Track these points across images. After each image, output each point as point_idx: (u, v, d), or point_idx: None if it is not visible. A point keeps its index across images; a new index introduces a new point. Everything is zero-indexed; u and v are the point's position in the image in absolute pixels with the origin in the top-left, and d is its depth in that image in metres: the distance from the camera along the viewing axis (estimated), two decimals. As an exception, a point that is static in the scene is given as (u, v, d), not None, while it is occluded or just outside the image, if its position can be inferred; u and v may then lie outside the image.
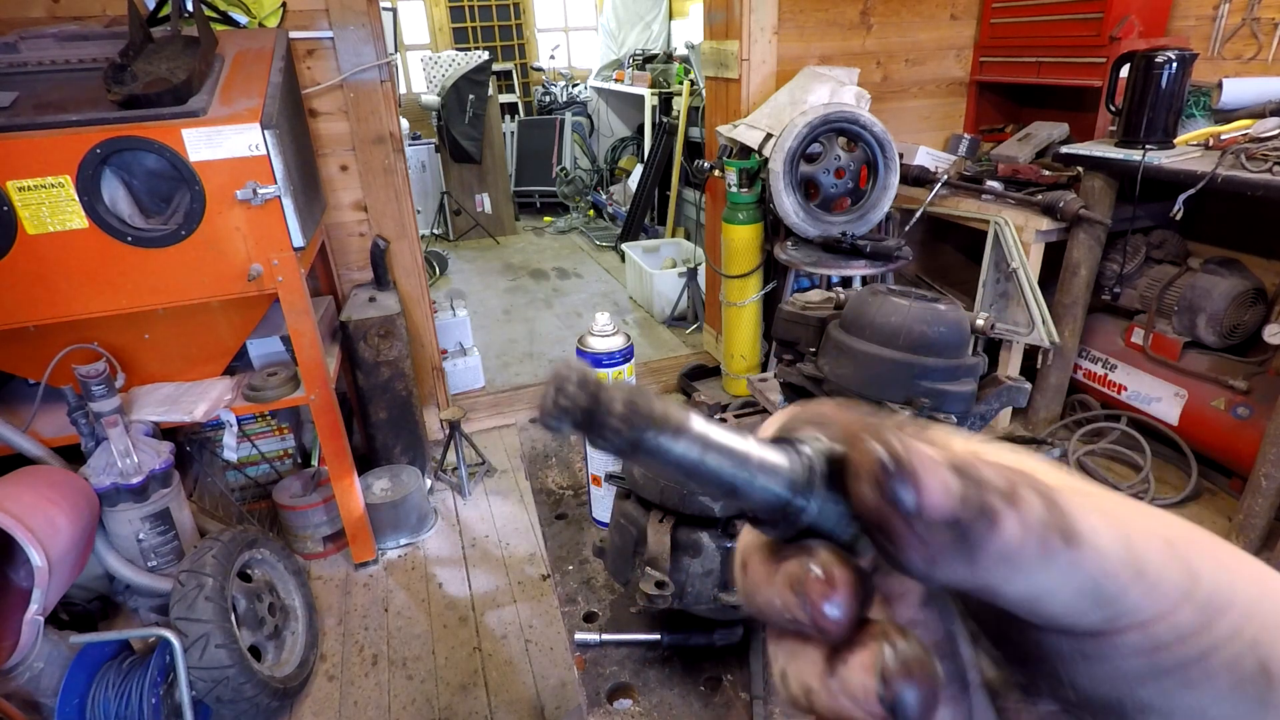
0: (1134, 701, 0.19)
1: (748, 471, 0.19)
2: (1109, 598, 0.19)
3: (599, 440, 0.18)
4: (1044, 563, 0.18)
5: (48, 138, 1.56)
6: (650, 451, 0.18)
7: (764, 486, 0.19)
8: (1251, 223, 2.48)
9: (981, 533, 0.18)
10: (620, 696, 0.72)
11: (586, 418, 0.18)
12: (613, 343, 0.87)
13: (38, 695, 1.53)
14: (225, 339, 1.98)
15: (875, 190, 2.49)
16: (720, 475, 0.19)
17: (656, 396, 0.19)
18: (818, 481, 0.19)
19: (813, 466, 0.19)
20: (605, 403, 0.18)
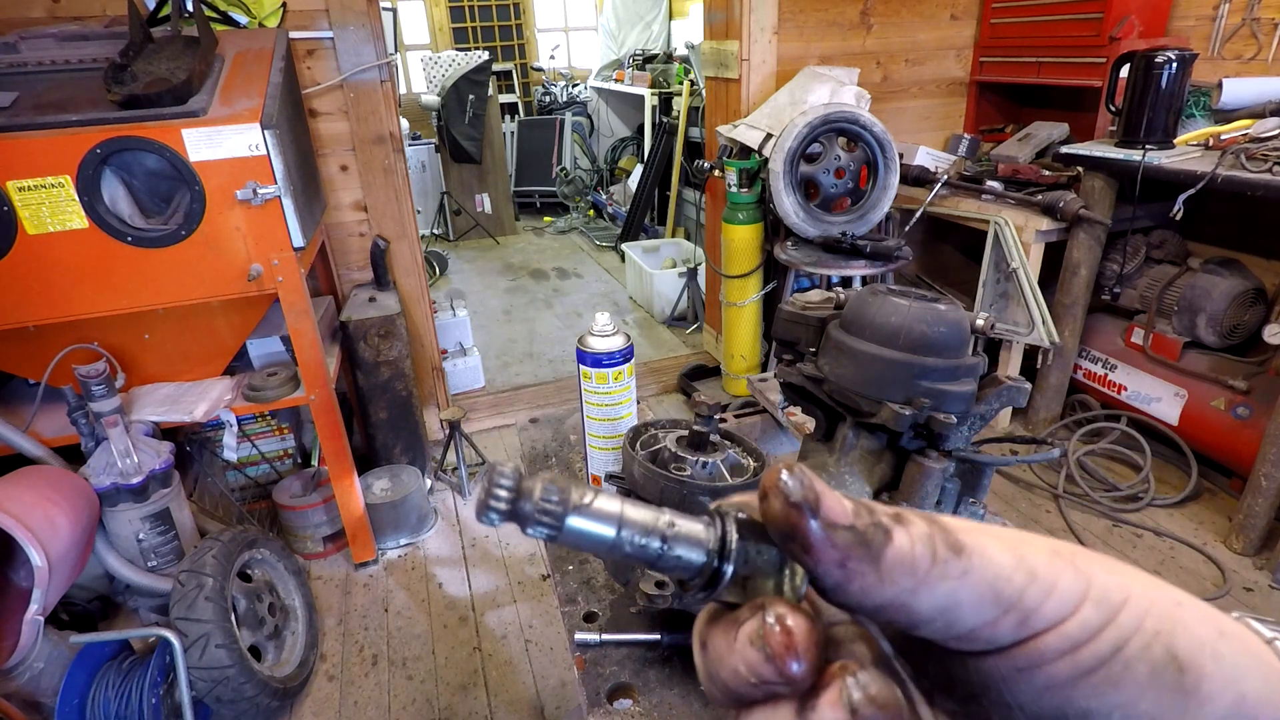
0: (1073, 709, 0.21)
1: (663, 542, 0.21)
2: (1010, 600, 0.21)
3: (527, 528, 0.21)
4: (939, 572, 0.20)
5: (48, 138, 1.56)
6: (572, 534, 0.21)
7: (680, 555, 0.21)
8: (1251, 223, 2.48)
9: (879, 540, 0.20)
10: (620, 696, 0.72)
11: (511, 512, 0.21)
12: (613, 343, 0.87)
13: (38, 695, 1.53)
14: (225, 339, 1.98)
15: (875, 190, 2.49)
16: (639, 548, 0.21)
17: (575, 484, 0.22)
18: (733, 541, 0.22)
19: (725, 531, 0.22)
20: (526, 497, 0.21)
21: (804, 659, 0.20)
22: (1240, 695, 0.21)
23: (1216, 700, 0.21)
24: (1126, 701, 0.20)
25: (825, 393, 0.83)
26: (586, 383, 0.88)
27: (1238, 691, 0.21)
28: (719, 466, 0.74)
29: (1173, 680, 0.21)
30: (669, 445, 0.76)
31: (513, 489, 0.21)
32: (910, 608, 0.21)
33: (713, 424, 0.75)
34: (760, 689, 0.21)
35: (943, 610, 0.21)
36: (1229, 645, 0.22)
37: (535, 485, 0.21)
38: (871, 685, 0.20)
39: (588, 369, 0.87)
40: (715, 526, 0.22)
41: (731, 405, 1.18)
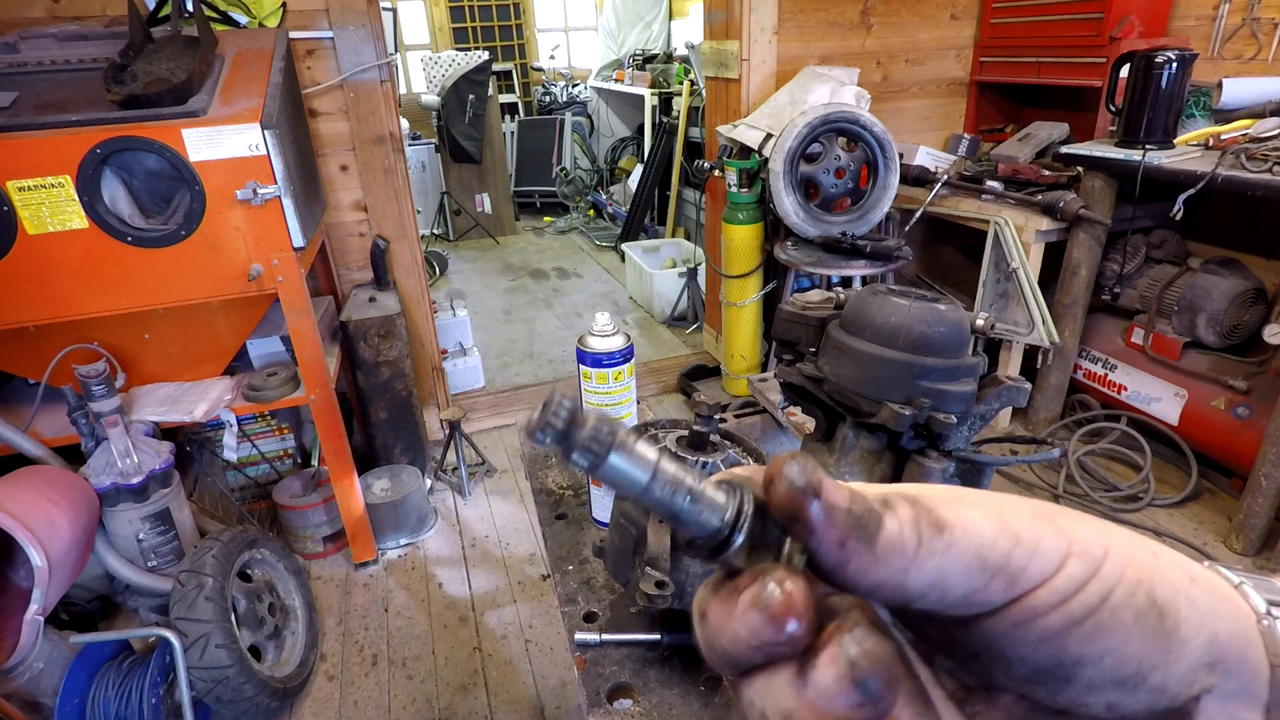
0: (1068, 657, 0.22)
1: (689, 499, 0.23)
2: (997, 565, 0.22)
3: (571, 454, 0.22)
4: (926, 549, 0.22)
5: (48, 138, 1.56)
6: (610, 470, 0.22)
7: (701, 514, 0.23)
8: (1251, 223, 2.48)
9: (873, 525, 0.22)
10: (620, 696, 0.72)
11: (563, 435, 0.22)
12: (613, 343, 0.87)
13: (38, 695, 1.53)
14: (225, 339, 1.98)
15: (875, 190, 2.49)
16: (666, 499, 0.23)
17: (625, 428, 0.23)
18: (747, 515, 0.23)
19: (743, 503, 0.23)
20: (580, 424, 0.22)
21: (802, 619, 0.21)
22: (1213, 635, 0.23)
23: (1193, 640, 0.23)
24: (1116, 645, 0.22)
25: (825, 393, 0.83)
26: (586, 383, 0.88)
27: (1211, 631, 0.23)
28: (719, 466, 0.74)
29: (1154, 624, 0.22)
30: (669, 445, 0.76)
31: (569, 415, 0.22)
32: (904, 586, 0.22)
33: (713, 424, 0.75)
34: (760, 652, 0.22)
35: (933, 585, 0.22)
36: (1200, 590, 0.24)
37: (590, 417, 0.22)
38: (867, 641, 0.21)
39: (588, 369, 0.87)
40: (735, 497, 0.23)
41: (731, 405, 1.18)
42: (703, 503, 0.23)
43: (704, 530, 0.23)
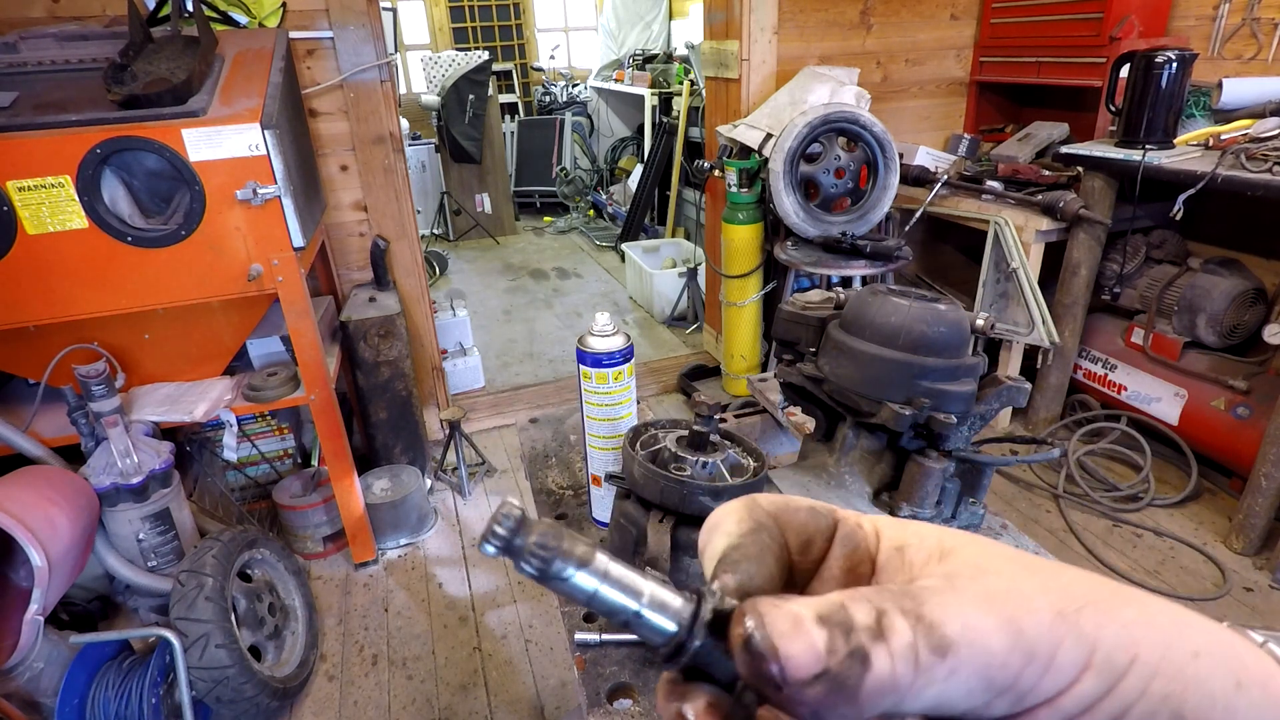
0: None
1: (640, 606, 0.23)
2: (1004, 685, 0.20)
3: (519, 565, 0.22)
4: (925, 679, 0.20)
5: (48, 138, 1.56)
6: (557, 578, 0.22)
7: (653, 621, 0.23)
8: (1251, 223, 2.48)
9: (855, 676, 0.19)
10: (620, 696, 0.71)
11: (507, 547, 0.22)
12: (613, 343, 0.87)
13: (38, 695, 1.53)
14: (225, 339, 1.98)
15: (875, 190, 2.49)
16: (615, 606, 0.23)
17: (570, 536, 0.23)
18: (701, 625, 0.22)
19: (698, 612, 0.23)
20: (524, 537, 0.22)
21: None
22: None
23: None
24: None
25: (825, 393, 0.83)
26: (586, 383, 0.88)
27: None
28: (719, 466, 0.74)
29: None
30: (669, 445, 0.76)
31: (515, 524, 0.22)
32: (896, 714, 0.20)
33: (713, 424, 0.75)
34: None
35: (931, 708, 0.20)
36: (1247, 698, 0.21)
37: (534, 527, 0.23)
38: None
39: (588, 369, 0.87)
40: (691, 604, 0.23)
41: (731, 405, 1.18)
42: (656, 608, 0.23)
43: (658, 636, 0.23)
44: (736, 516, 0.27)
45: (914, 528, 0.26)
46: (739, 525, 0.26)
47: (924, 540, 0.25)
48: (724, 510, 0.28)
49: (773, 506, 0.27)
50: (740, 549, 0.25)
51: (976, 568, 0.22)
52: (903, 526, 0.26)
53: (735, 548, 0.25)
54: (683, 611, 0.23)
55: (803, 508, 0.28)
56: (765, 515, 0.27)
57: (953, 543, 0.24)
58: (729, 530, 0.26)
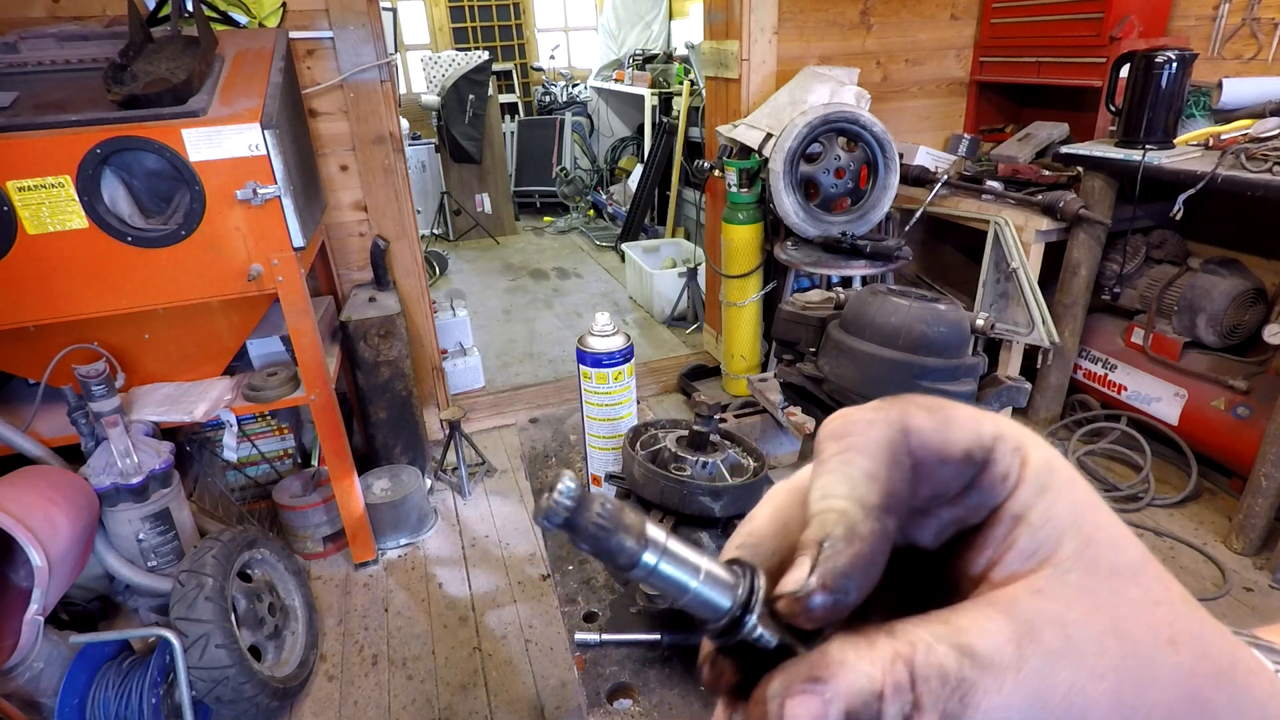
0: None
1: (698, 581, 0.22)
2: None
3: (579, 540, 0.21)
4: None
5: (48, 138, 1.56)
6: (614, 552, 0.22)
7: (708, 597, 0.22)
8: (1251, 223, 2.48)
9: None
10: (620, 696, 0.71)
11: (570, 521, 0.21)
12: (613, 343, 0.87)
13: (38, 695, 1.53)
14: (225, 339, 1.98)
15: (875, 190, 2.49)
16: (674, 581, 0.22)
17: (629, 510, 0.22)
18: (755, 603, 0.22)
19: (753, 588, 0.22)
20: (586, 509, 0.21)
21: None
22: None
23: None
24: None
25: (825, 393, 0.83)
26: (586, 383, 0.88)
27: None
28: (719, 466, 0.74)
29: None
30: (669, 445, 0.76)
31: (576, 498, 0.21)
32: None
33: (713, 424, 0.75)
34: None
35: None
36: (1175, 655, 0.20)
37: (594, 501, 0.22)
38: None
39: (588, 369, 0.87)
40: (745, 576, 0.22)
41: (731, 405, 1.18)
42: (712, 584, 0.22)
43: (712, 612, 0.22)
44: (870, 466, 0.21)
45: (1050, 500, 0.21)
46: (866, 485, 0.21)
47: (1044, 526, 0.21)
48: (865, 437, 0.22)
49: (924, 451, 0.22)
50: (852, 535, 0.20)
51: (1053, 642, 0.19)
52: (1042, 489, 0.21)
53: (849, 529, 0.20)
54: (737, 588, 0.22)
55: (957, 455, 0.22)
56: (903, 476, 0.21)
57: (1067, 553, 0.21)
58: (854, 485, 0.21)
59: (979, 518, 0.23)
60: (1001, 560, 0.21)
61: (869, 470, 0.21)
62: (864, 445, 0.21)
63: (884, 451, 0.21)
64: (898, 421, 0.22)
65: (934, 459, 0.22)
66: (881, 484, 0.21)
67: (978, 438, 0.22)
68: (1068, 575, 0.20)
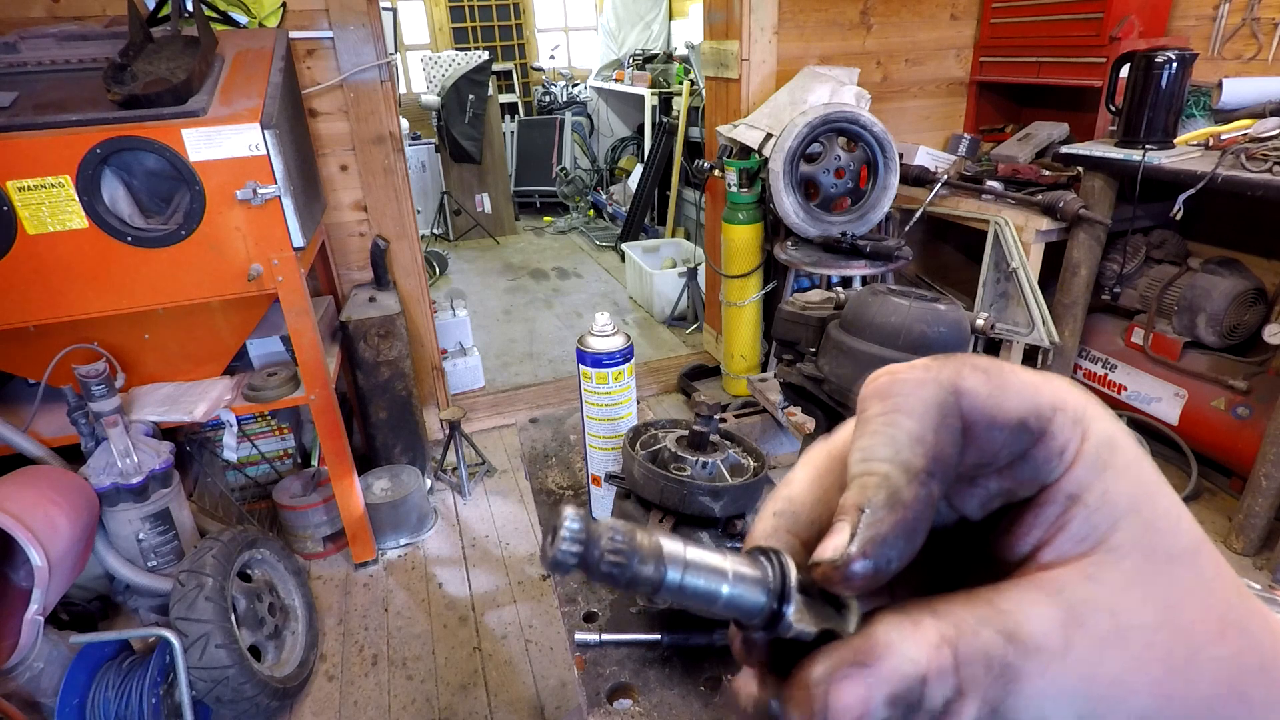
0: None
1: (728, 585, 0.21)
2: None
3: (597, 579, 0.20)
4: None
5: (48, 138, 1.56)
6: (637, 579, 0.20)
7: (744, 596, 0.21)
8: (1251, 223, 2.48)
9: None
10: (620, 696, 0.72)
11: (583, 562, 0.20)
12: (613, 343, 0.87)
13: (38, 695, 1.53)
14: (225, 339, 1.98)
15: (875, 190, 2.49)
16: (703, 591, 0.21)
17: (640, 528, 0.21)
18: (791, 590, 0.21)
19: (785, 576, 0.21)
20: (596, 545, 0.20)
21: None
22: None
23: None
24: None
25: (825, 393, 0.83)
26: (586, 383, 0.88)
27: None
28: (719, 466, 0.74)
29: None
30: (669, 445, 0.76)
31: (582, 539, 0.20)
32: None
33: (713, 424, 0.75)
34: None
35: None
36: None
37: (603, 532, 0.20)
38: None
39: (588, 369, 0.87)
40: (771, 563, 0.21)
41: (731, 405, 1.18)
42: (742, 583, 0.21)
43: (749, 613, 0.21)
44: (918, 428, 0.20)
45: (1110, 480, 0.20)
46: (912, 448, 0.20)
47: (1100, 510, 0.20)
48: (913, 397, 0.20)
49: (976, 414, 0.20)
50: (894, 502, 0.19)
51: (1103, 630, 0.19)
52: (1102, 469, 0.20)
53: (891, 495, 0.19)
54: (769, 580, 0.21)
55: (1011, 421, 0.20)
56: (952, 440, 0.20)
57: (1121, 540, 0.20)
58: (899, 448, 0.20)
59: (1029, 491, 0.21)
60: (1052, 542, 0.21)
61: (915, 433, 0.20)
62: (911, 406, 0.20)
63: (933, 413, 0.20)
64: (949, 382, 0.20)
65: (986, 424, 0.20)
66: (928, 448, 0.20)
67: (1035, 406, 0.20)
68: (1122, 562, 0.20)
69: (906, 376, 0.21)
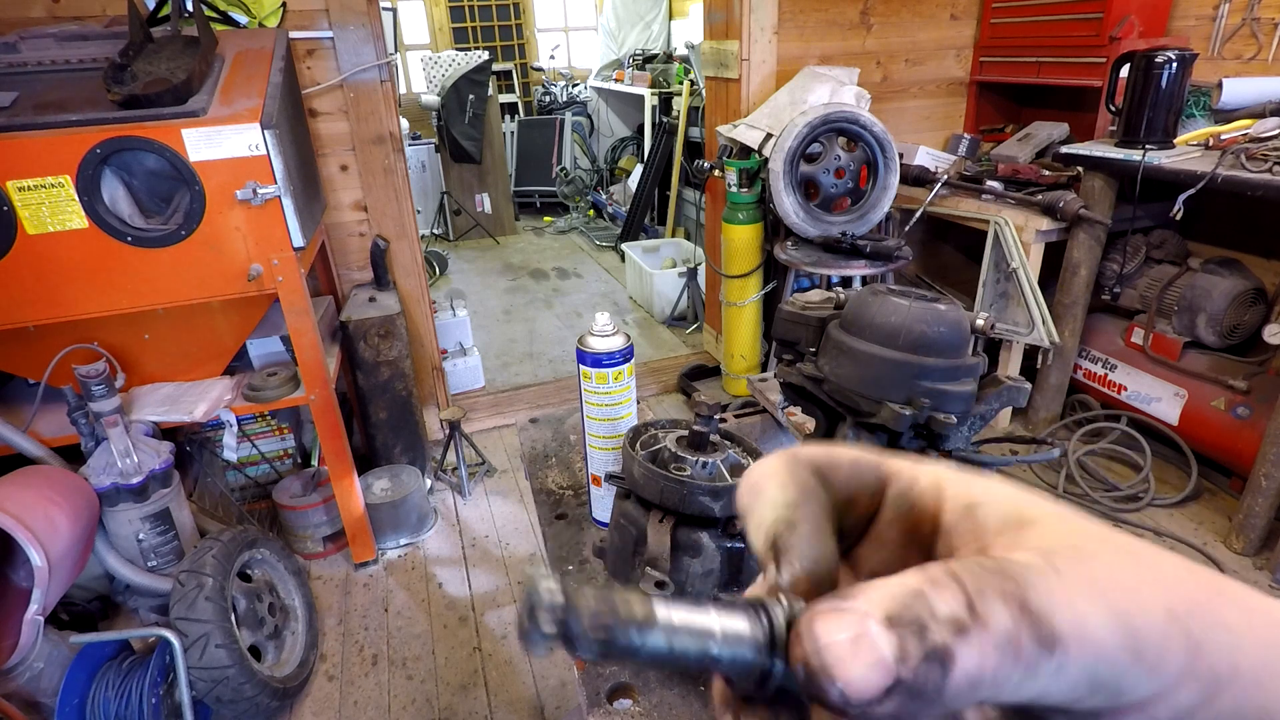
0: None
1: (715, 646, 0.21)
2: (1105, 682, 0.18)
3: (577, 652, 0.20)
4: (1026, 672, 0.18)
5: (48, 138, 1.56)
6: (625, 650, 0.20)
7: (733, 655, 0.20)
8: (1251, 223, 2.48)
9: (935, 680, 0.17)
10: (620, 696, 0.72)
11: (562, 638, 0.19)
12: (613, 343, 0.87)
13: (38, 695, 1.53)
14: (225, 339, 1.98)
15: (875, 190, 2.49)
16: (692, 654, 0.20)
17: (619, 594, 0.20)
18: (780, 646, 0.20)
19: (773, 631, 0.21)
20: (575, 618, 0.19)
21: None
22: None
23: None
24: None
25: (825, 393, 0.83)
26: (586, 383, 0.88)
27: None
28: (719, 466, 0.74)
29: None
30: (669, 445, 0.76)
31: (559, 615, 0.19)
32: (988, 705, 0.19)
33: (713, 424, 0.75)
34: None
35: (1029, 701, 0.19)
36: None
37: (581, 603, 0.20)
38: None
39: (588, 369, 0.87)
40: (760, 618, 0.21)
41: (731, 405, 1.18)
42: (732, 643, 0.20)
43: (739, 670, 0.20)
44: (779, 480, 0.24)
45: (982, 485, 0.23)
46: (783, 492, 0.24)
47: (997, 501, 0.22)
48: (763, 471, 0.25)
49: (814, 462, 0.25)
50: (793, 528, 0.23)
51: (1074, 549, 0.19)
52: (968, 482, 0.23)
53: (787, 525, 0.23)
54: (757, 635, 0.20)
55: (844, 462, 0.25)
56: (809, 476, 0.24)
57: (1033, 511, 0.21)
58: (774, 499, 0.24)
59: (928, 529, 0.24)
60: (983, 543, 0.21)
61: (778, 484, 0.24)
62: (767, 475, 0.25)
63: (783, 469, 0.25)
64: (787, 452, 0.26)
65: (825, 466, 0.25)
66: (792, 486, 0.24)
67: (860, 455, 0.26)
68: (1057, 524, 0.20)
69: (756, 466, 0.26)
